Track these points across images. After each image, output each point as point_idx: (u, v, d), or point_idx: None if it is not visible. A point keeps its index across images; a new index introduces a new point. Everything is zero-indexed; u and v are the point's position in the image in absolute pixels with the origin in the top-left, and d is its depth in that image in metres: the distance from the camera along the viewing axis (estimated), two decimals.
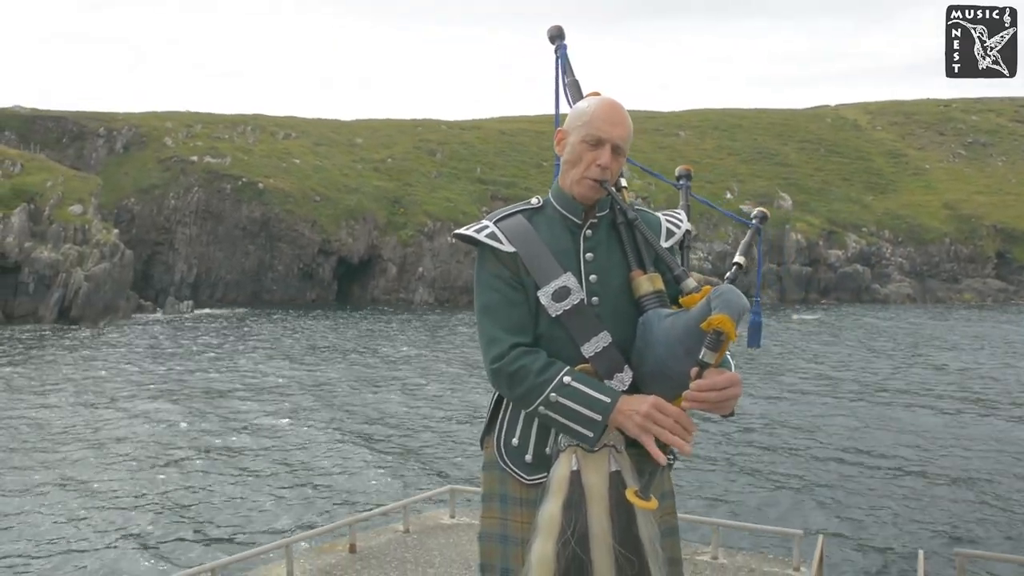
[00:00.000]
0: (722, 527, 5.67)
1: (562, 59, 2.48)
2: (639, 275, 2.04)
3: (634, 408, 1.87)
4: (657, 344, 1.91)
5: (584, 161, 2.04)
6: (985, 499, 10.28)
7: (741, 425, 14.51)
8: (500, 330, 1.99)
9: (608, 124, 2.05)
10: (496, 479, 2.08)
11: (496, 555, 2.06)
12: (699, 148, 58.03)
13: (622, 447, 1.96)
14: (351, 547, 5.73)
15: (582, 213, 2.08)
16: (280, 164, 47.48)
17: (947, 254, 50.75)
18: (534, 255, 2.02)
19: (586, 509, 1.90)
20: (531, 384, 1.92)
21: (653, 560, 1.93)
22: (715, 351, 1.79)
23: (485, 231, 2.07)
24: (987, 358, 23.89)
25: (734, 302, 1.79)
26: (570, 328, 1.98)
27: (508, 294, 2.01)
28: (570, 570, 1.88)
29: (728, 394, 1.82)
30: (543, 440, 2.02)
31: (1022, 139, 64.81)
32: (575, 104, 2.25)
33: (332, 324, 33.14)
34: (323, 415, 15.32)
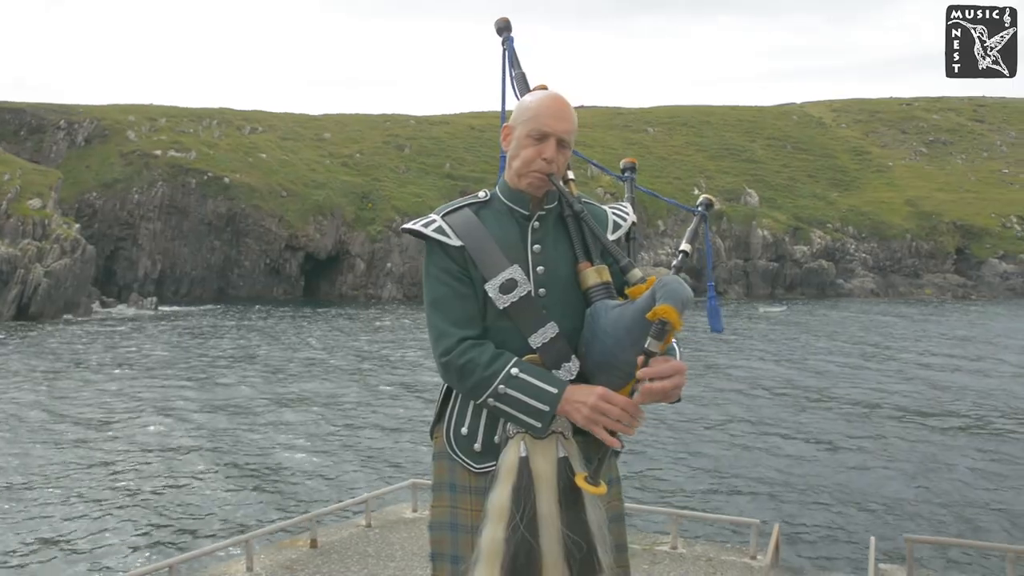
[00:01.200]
0: (681, 518, 5.74)
1: (509, 52, 2.48)
2: (586, 267, 2.06)
3: (581, 400, 1.90)
4: (604, 335, 1.93)
5: (529, 155, 2.05)
6: (934, 486, 10.53)
7: (697, 417, 14.68)
8: (448, 324, 2.00)
9: (553, 119, 2.06)
10: (446, 468, 2.09)
11: (446, 543, 2.07)
12: (668, 144, 58.40)
13: (569, 434, 1.97)
14: (312, 542, 5.71)
15: (529, 206, 2.10)
16: (246, 158, 46.96)
17: (909, 250, 51.63)
18: (481, 248, 2.04)
19: (535, 495, 1.92)
20: (479, 377, 1.94)
21: (601, 545, 1.95)
22: (660, 340, 1.82)
23: (432, 225, 2.08)
24: (938, 352, 24.38)
25: (678, 292, 1.81)
26: (517, 320, 2.00)
27: (456, 288, 2.03)
28: (519, 555, 1.90)
29: (674, 382, 1.85)
30: (492, 429, 2.03)
31: (981, 138, 66.10)
32: (521, 98, 2.25)
33: (297, 320, 32.90)
34: (283, 411, 15.20)
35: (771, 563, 5.04)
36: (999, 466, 11.70)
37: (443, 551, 2.08)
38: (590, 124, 59.43)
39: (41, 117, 49.02)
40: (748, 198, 52.84)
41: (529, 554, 1.90)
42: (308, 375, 19.51)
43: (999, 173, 60.71)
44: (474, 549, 1.95)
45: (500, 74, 2.47)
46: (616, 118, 62.88)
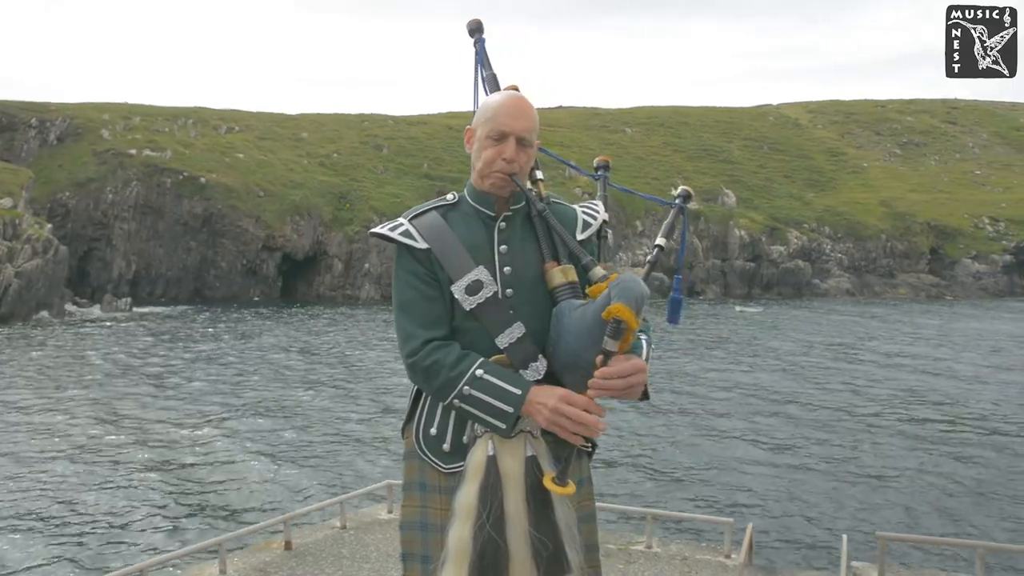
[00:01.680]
0: (656, 517, 5.76)
1: (480, 53, 2.48)
2: (552, 267, 2.07)
3: (543, 401, 1.91)
4: (568, 335, 1.94)
5: (490, 156, 2.06)
6: (906, 484, 10.67)
7: (672, 417, 14.77)
8: (415, 326, 2.03)
9: (510, 118, 2.07)
10: (416, 468, 2.10)
11: (417, 543, 2.08)
12: (645, 145, 58.62)
13: (538, 432, 1.99)
14: (287, 544, 5.68)
15: (495, 207, 2.11)
16: (223, 158, 46.56)
17: (883, 250, 52.14)
18: (447, 250, 2.05)
19: (502, 494, 1.93)
20: (445, 378, 1.95)
21: (570, 544, 1.95)
22: (616, 339, 1.83)
23: (399, 229, 2.11)
24: (910, 352, 24.66)
25: (631, 290, 1.83)
26: (484, 321, 2.02)
27: (423, 290, 2.05)
28: (485, 554, 1.90)
29: (632, 381, 1.87)
30: (460, 430, 2.05)
31: (953, 139, 66.95)
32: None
33: (273, 321, 32.67)
34: (259, 414, 15.10)
35: (744, 562, 5.07)
36: (968, 464, 11.88)
37: (414, 551, 2.08)
38: (568, 125, 59.56)
39: (12, 115, 48.26)
40: (725, 198, 53.18)
41: (496, 553, 1.91)
42: (283, 377, 19.38)
43: (971, 174, 61.53)
44: (442, 548, 1.96)
45: (472, 75, 2.47)
46: (594, 119, 63.03)
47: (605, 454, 11.92)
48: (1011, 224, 53.57)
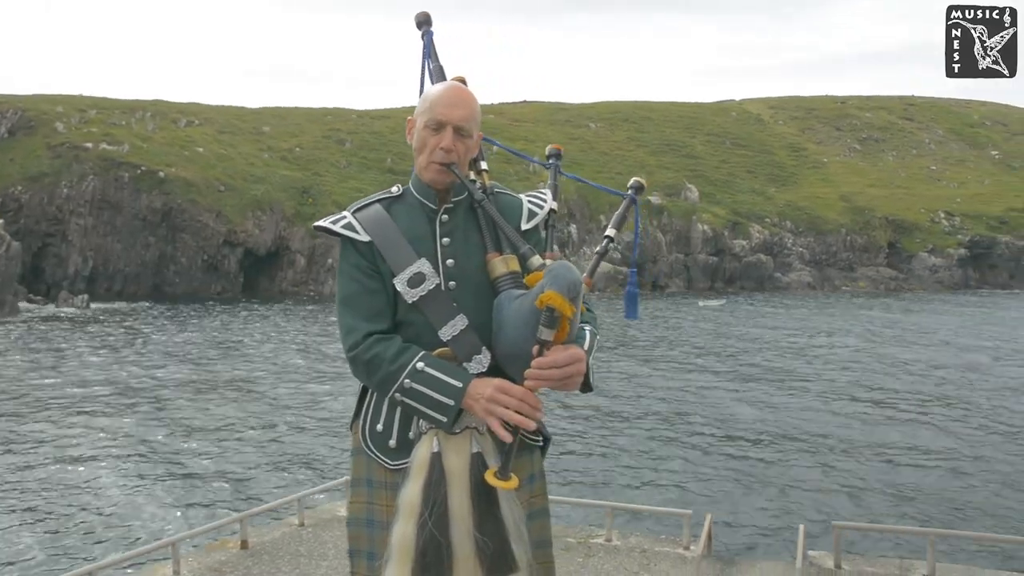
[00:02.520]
0: (615, 510, 5.78)
1: (428, 45, 2.46)
2: (494, 257, 2.05)
3: (480, 392, 1.89)
4: (508, 325, 1.93)
5: (429, 146, 2.05)
6: (860, 473, 10.87)
7: (632, 410, 14.91)
8: (357, 319, 2.00)
9: (448, 107, 2.05)
10: (363, 464, 2.08)
11: (363, 540, 2.06)
12: (609, 140, 58.90)
13: (484, 429, 1.96)
14: (243, 543, 5.60)
15: (436, 199, 2.09)
16: (182, 152, 45.83)
17: (843, 244, 53.02)
18: (389, 243, 2.03)
19: (446, 491, 1.91)
20: (386, 372, 1.93)
21: (516, 542, 1.93)
22: (551, 328, 1.80)
23: (342, 222, 2.09)
24: (865, 343, 25.15)
25: (563, 277, 1.80)
26: (427, 313, 2.00)
27: (366, 283, 2.03)
28: (428, 551, 1.88)
29: (569, 371, 1.85)
30: (406, 426, 2.02)
31: (911, 135, 68.26)
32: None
33: (234, 318, 32.27)
34: (214, 411, 14.91)
35: (703, 553, 5.09)
36: (920, 452, 12.15)
37: (360, 547, 2.06)
38: (531, 119, 59.63)
39: None
40: (688, 193, 53.64)
41: (438, 551, 1.89)
42: (241, 374, 19.16)
43: (928, 170, 62.79)
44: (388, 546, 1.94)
45: (420, 67, 2.44)
46: (559, 113, 63.19)
47: (566, 448, 11.96)
48: (965, 219, 54.80)
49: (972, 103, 77.10)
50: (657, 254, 49.34)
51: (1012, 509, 9.59)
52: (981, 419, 14.45)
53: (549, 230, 2.21)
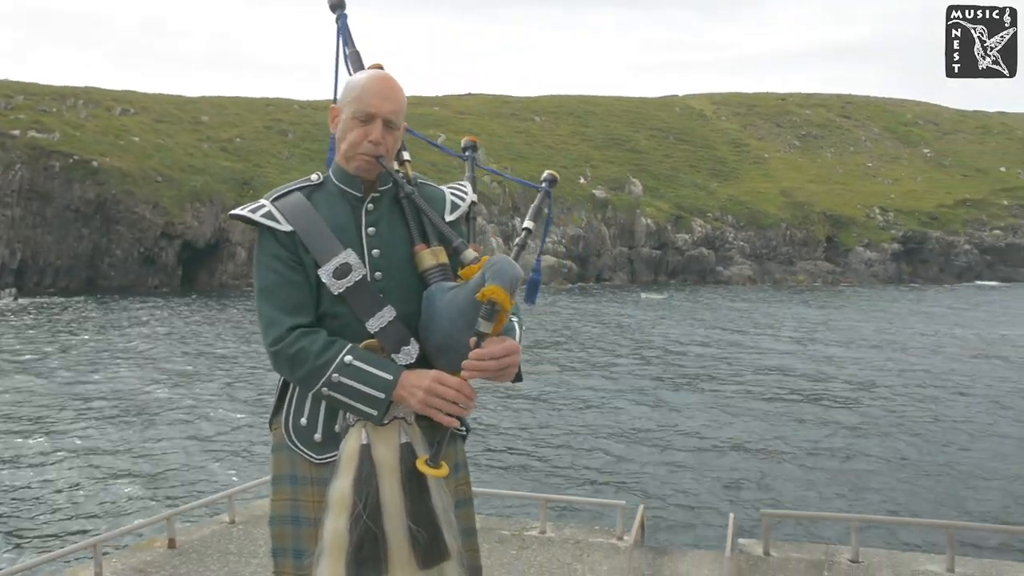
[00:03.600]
0: (549, 502, 5.79)
1: (343, 29, 2.42)
2: (422, 249, 2.03)
3: (415, 384, 1.88)
4: (440, 317, 1.92)
5: (356, 137, 2.01)
6: (789, 462, 11.17)
7: (565, 401, 15.05)
8: (279, 312, 1.96)
9: (378, 98, 2.01)
10: (286, 460, 2.04)
11: (288, 537, 2.02)
12: (554, 133, 59.07)
13: (412, 419, 1.96)
14: (170, 542, 5.47)
15: (362, 188, 2.05)
16: (117, 141, 44.50)
17: (783, 238, 54.12)
18: (312, 232, 1.98)
19: (377, 482, 1.89)
20: (312, 366, 1.90)
21: (447, 530, 1.94)
22: (490, 321, 1.82)
23: (261, 211, 2.03)
24: (796, 335, 25.77)
25: (506, 271, 1.82)
26: (353, 305, 1.96)
27: (287, 274, 1.98)
28: (363, 545, 1.87)
29: (506, 362, 1.86)
30: (332, 419, 1.99)
31: (848, 133, 69.98)
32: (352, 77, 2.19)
33: (169, 312, 31.50)
34: (142, 406, 14.55)
35: (635, 543, 5.14)
36: (844, 439, 12.53)
37: (285, 545, 2.02)
38: (476, 112, 59.47)
39: None
40: (632, 187, 54.15)
41: (374, 543, 1.87)
42: (173, 369, 18.74)
43: (864, 166, 64.49)
44: (318, 542, 1.91)
45: (334, 52, 2.39)
46: (503, 106, 63.12)
47: (501, 440, 11.98)
48: (899, 214, 56.46)
49: (906, 103, 79.45)
50: (601, 247, 49.73)
51: (932, 493, 9.95)
52: (903, 409, 14.94)
53: (471, 222, 2.21)
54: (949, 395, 16.20)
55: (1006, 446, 12.41)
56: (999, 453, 11.99)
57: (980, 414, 14.57)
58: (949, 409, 14.92)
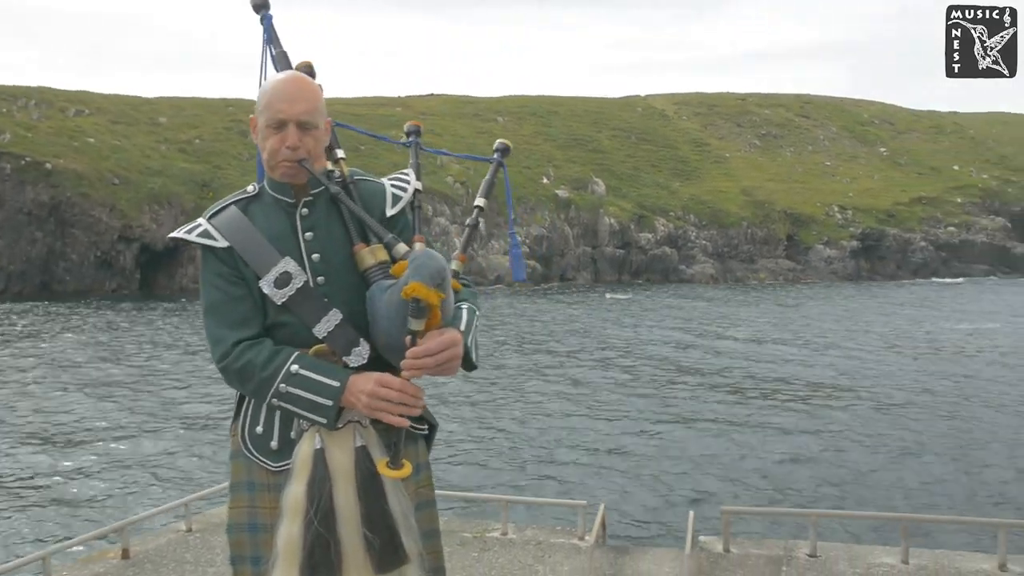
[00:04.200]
0: (510, 503, 5.78)
1: (268, 30, 2.37)
2: (361, 248, 2.01)
3: (360, 389, 1.88)
4: (381, 317, 1.91)
5: (273, 145, 1.98)
6: (748, 461, 11.30)
7: (526, 402, 15.04)
8: (223, 328, 1.96)
9: (286, 103, 1.98)
10: (243, 468, 2.04)
11: (246, 545, 2.01)
12: (517, 133, 59.03)
13: (367, 422, 1.95)
14: (124, 552, 5.36)
15: (292, 193, 2.03)
16: (71, 143, 43.60)
17: (745, 237, 54.72)
18: (249, 245, 1.98)
19: (331, 487, 1.89)
20: (259, 378, 1.90)
21: (406, 533, 1.93)
22: (419, 318, 1.80)
23: (197, 230, 2.02)
24: (755, 332, 26.11)
25: (426, 266, 1.80)
26: (298, 312, 1.96)
27: (229, 290, 1.98)
28: (316, 550, 1.86)
29: (444, 357, 1.85)
30: (288, 426, 1.99)
31: (807, 132, 70.97)
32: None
33: (125, 316, 30.94)
34: (104, 414, 14.26)
35: (597, 543, 5.15)
36: (803, 435, 12.72)
37: (243, 553, 2.02)
38: (439, 112, 59.31)
39: None
40: (595, 187, 54.37)
41: (326, 548, 1.86)
42: (128, 376, 18.40)
43: (822, 165, 65.46)
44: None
45: (260, 53, 2.35)
46: (466, 106, 63.00)
47: (461, 442, 11.95)
48: (857, 212, 57.44)
49: (862, 103, 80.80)
50: (565, 247, 49.88)
51: (889, 487, 10.13)
52: (858, 405, 15.19)
53: (416, 212, 2.16)
54: (904, 391, 16.50)
55: (960, 439, 12.68)
56: (953, 446, 12.25)
57: (934, 408, 14.86)
58: (903, 404, 15.20)
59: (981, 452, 11.86)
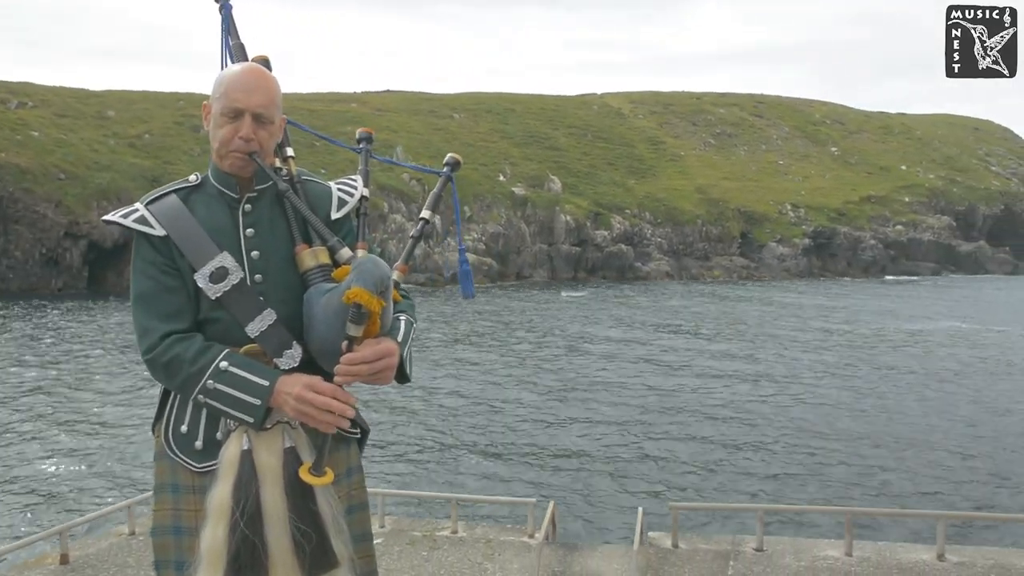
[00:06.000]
0: (460, 502, 5.76)
1: (227, 20, 2.33)
2: (303, 249, 1.97)
3: (287, 391, 1.84)
4: (317, 321, 1.88)
5: (226, 135, 1.95)
6: (696, 457, 11.45)
7: (474, 401, 15.04)
8: (153, 319, 1.90)
9: (244, 92, 1.95)
10: (167, 469, 1.98)
11: (170, 549, 1.95)
12: (473, 131, 58.96)
13: (297, 423, 1.91)
14: (62, 557, 5.23)
15: (237, 188, 1.99)
16: (14, 136, 42.38)
17: (699, 234, 55.34)
18: (187, 236, 1.93)
19: (257, 489, 1.84)
20: (186, 373, 1.85)
21: (336, 535, 1.89)
22: (359, 324, 1.78)
23: (134, 215, 1.98)
24: (703, 331, 26.45)
25: (370, 272, 1.78)
26: (232, 309, 1.92)
27: (162, 280, 1.93)
28: (241, 553, 1.82)
29: (379, 366, 1.82)
30: (213, 426, 1.94)
31: (760, 132, 72.01)
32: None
33: (69, 315, 30.20)
34: (43, 415, 13.90)
35: (546, 540, 5.15)
36: (751, 431, 12.92)
37: (167, 557, 1.96)
38: (395, 109, 58.92)
39: None
40: (551, 184, 54.50)
41: (253, 551, 1.82)
42: (71, 372, 17.99)
43: (775, 164, 66.48)
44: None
45: (220, 44, 2.31)
46: (422, 103, 62.67)
47: (410, 442, 11.90)
48: (809, 210, 58.48)
49: (814, 103, 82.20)
50: (521, 245, 49.93)
51: (833, 481, 10.33)
52: (806, 400, 15.47)
53: (361, 219, 2.14)
54: (846, 387, 16.84)
55: (900, 434, 12.97)
56: (894, 441, 12.54)
57: (876, 404, 15.19)
58: (846, 400, 15.51)
59: (921, 446, 12.16)
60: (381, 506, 5.60)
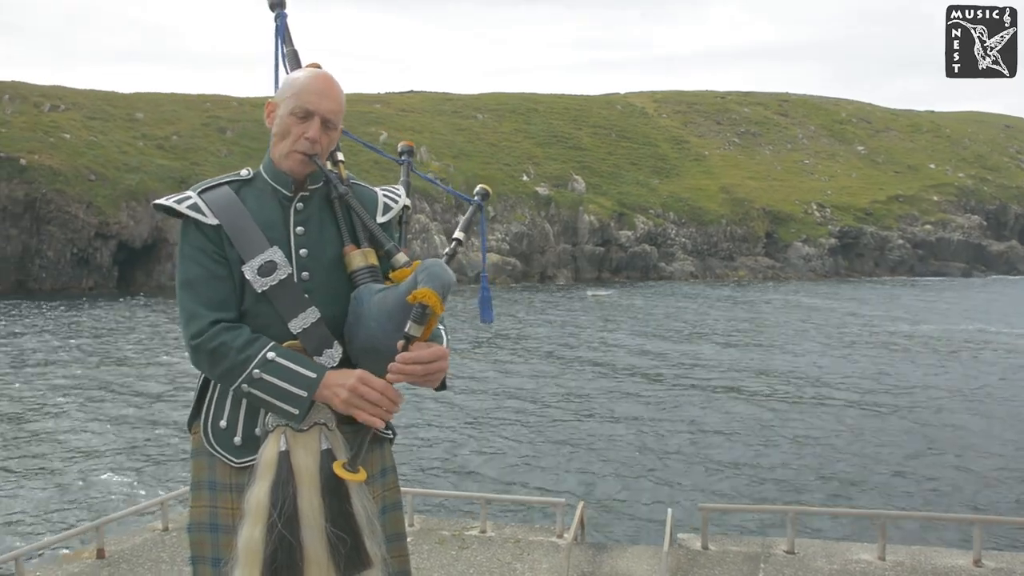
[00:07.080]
0: (490, 501, 5.78)
1: (281, 28, 2.39)
2: (352, 250, 2.01)
3: (340, 383, 1.85)
4: (368, 319, 1.90)
5: (292, 134, 1.99)
6: (726, 458, 11.38)
7: (504, 401, 15.04)
8: (201, 306, 1.91)
9: (318, 96, 2.00)
10: (205, 465, 2.01)
11: (207, 546, 1.98)
12: (497, 131, 59.00)
13: (333, 425, 1.93)
14: (99, 552, 5.30)
15: (292, 186, 2.03)
16: (47, 139, 43.05)
17: (724, 234, 54.99)
18: (239, 228, 1.95)
19: (294, 490, 1.87)
20: (233, 361, 1.86)
21: (369, 537, 1.91)
22: (420, 324, 1.81)
23: (187, 202, 1.98)
24: (737, 331, 26.27)
25: (439, 275, 1.81)
26: (277, 304, 1.93)
27: (211, 268, 1.94)
28: (278, 554, 1.83)
29: (433, 368, 1.84)
30: (252, 421, 1.96)
31: (785, 131, 71.43)
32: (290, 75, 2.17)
33: (102, 314, 30.61)
34: (75, 410, 14.11)
35: (575, 541, 5.15)
36: (782, 432, 12.80)
37: (203, 554, 1.99)
38: (419, 110, 59.10)
39: None
40: (575, 184, 54.42)
41: (289, 552, 1.84)
42: (102, 373, 18.20)
43: (801, 163, 65.90)
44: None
45: (273, 51, 2.38)
46: (445, 104, 62.80)
47: (441, 441, 11.93)
48: (835, 210, 57.91)
49: (840, 101, 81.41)
50: (545, 245, 49.91)
51: (866, 485, 10.21)
52: (838, 402, 15.31)
53: (403, 226, 2.20)
54: (883, 390, 16.65)
55: (937, 438, 12.80)
56: (931, 444, 12.37)
57: (912, 407, 15.00)
58: (881, 402, 15.33)
59: (958, 450, 11.99)
60: (411, 505, 5.63)
